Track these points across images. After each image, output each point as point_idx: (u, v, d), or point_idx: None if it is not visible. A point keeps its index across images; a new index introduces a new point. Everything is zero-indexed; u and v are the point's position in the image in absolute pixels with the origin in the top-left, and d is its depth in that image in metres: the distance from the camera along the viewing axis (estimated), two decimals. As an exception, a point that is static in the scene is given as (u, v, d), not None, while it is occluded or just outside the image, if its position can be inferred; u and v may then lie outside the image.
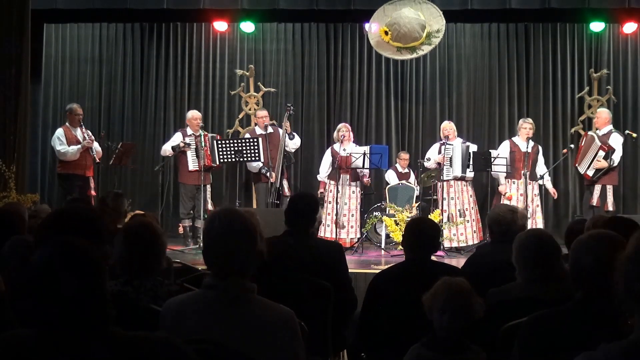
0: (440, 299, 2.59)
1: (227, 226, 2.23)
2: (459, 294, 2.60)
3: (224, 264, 2.22)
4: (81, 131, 8.11)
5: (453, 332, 2.60)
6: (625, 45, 9.45)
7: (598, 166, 7.82)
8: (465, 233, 8.12)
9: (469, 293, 2.61)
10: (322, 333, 3.01)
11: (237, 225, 2.24)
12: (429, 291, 2.65)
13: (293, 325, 2.25)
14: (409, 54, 8.68)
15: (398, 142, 9.65)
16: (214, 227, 2.26)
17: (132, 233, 2.74)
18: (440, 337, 2.61)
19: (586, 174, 7.95)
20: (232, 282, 2.20)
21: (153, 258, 2.71)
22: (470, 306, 2.59)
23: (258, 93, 9.57)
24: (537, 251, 2.89)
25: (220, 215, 2.29)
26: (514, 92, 9.57)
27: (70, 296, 1.55)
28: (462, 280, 2.66)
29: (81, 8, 8.82)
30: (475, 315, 2.59)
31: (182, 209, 8.37)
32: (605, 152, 7.83)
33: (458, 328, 2.59)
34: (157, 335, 1.70)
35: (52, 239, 1.66)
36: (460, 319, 2.58)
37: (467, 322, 2.59)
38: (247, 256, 2.23)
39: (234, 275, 2.21)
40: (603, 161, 7.79)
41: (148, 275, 2.68)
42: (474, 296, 2.61)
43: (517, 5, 8.41)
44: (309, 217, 3.86)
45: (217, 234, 2.24)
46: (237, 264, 2.21)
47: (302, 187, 9.38)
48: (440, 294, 2.60)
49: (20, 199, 6.96)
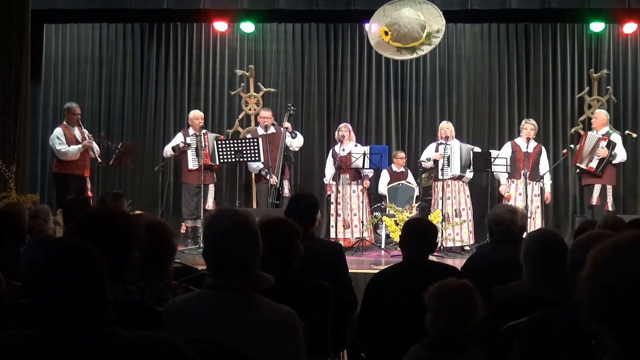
0: (445, 300, 2.58)
1: (226, 226, 2.23)
2: (463, 296, 2.59)
3: (224, 264, 2.21)
4: (79, 131, 8.11)
5: (453, 334, 2.59)
6: (625, 46, 9.44)
7: (601, 154, 7.82)
8: (462, 233, 8.12)
9: (471, 295, 2.59)
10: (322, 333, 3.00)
11: (237, 225, 2.23)
12: (430, 292, 2.64)
13: (294, 325, 2.25)
14: (409, 54, 8.67)
15: (398, 142, 9.65)
16: (213, 227, 2.26)
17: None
18: (441, 339, 2.60)
19: (590, 167, 7.92)
20: (231, 283, 2.20)
21: (161, 260, 2.67)
22: (472, 308, 2.57)
23: (258, 93, 9.57)
24: (544, 250, 2.89)
25: (220, 215, 2.28)
26: (513, 93, 9.57)
27: (70, 296, 1.55)
28: (464, 282, 2.65)
29: (81, 8, 8.82)
30: (478, 317, 2.57)
31: (185, 209, 8.37)
32: (606, 141, 7.85)
33: (459, 330, 2.59)
34: (157, 335, 1.70)
35: (51, 239, 1.65)
36: (463, 322, 2.57)
37: (469, 323, 2.58)
38: (248, 256, 2.23)
39: (235, 276, 2.20)
40: (605, 149, 7.81)
41: (154, 276, 2.64)
42: (477, 298, 2.59)
43: (517, 6, 8.41)
44: (309, 217, 3.86)
45: (217, 234, 2.23)
46: (237, 264, 2.21)
47: (302, 187, 9.38)
48: (441, 295, 2.59)
49: (20, 199, 6.95)
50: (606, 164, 7.86)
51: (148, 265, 2.64)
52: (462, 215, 8.13)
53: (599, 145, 7.88)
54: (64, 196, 7.31)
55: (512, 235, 3.89)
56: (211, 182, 8.46)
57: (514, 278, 3.14)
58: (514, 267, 3.43)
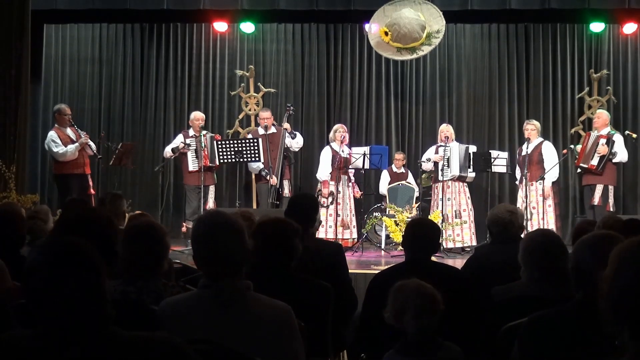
0: (415, 303, 2.59)
1: (212, 229, 2.26)
2: (431, 294, 2.61)
3: (214, 266, 2.24)
4: (72, 130, 8.11)
5: (427, 333, 2.60)
6: (625, 46, 9.44)
7: (602, 152, 7.82)
8: (462, 234, 8.12)
9: (430, 290, 2.63)
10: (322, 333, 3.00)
11: (222, 227, 2.27)
12: (393, 301, 2.65)
13: (290, 321, 2.26)
14: (409, 55, 8.68)
15: (398, 142, 9.64)
16: (199, 230, 2.29)
17: (135, 233, 2.73)
18: (414, 340, 2.61)
19: (591, 165, 7.92)
20: (224, 282, 2.22)
21: (155, 259, 2.69)
22: (436, 302, 2.60)
23: (258, 93, 9.57)
24: (543, 250, 2.89)
25: (206, 219, 2.33)
26: (513, 93, 9.57)
27: (70, 296, 1.55)
28: (415, 281, 2.67)
29: (81, 9, 8.83)
30: (441, 308, 2.60)
31: (189, 210, 8.38)
32: (606, 139, 7.87)
33: (432, 327, 2.60)
34: (157, 335, 1.70)
35: (51, 239, 1.66)
36: (432, 318, 2.59)
37: (437, 317, 2.60)
38: (236, 256, 2.25)
39: (226, 276, 2.23)
40: (605, 146, 7.82)
41: (151, 276, 2.67)
42: (435, 291, 2.63)
43: (517, 6, 8.41)
44: (309, 218, 3.86)
45: (204, 237, 2.27)
46: (226, 265, 2.24)
47: (302, 188, 9.38)
48: (413, 299, 2.60)
49: (20, 200, 6.96)
50: (606, 161, 7.86)
51: (143, 265, 2.66)
52: (462, 216, 8.13)
53: (598, 143, 7.90)
54: (67, 197, 7.31)
55: (511, 236, 3.88)
56: (211, 183, 8.46)
57: (514, 278, 3.14)
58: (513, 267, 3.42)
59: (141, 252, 2.67)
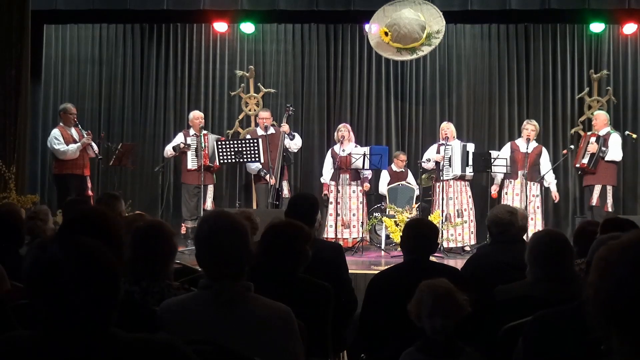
0: (428, 303, 2.59)
1: (216, 229, 2.25)
2: (446, 295, 2.61)
3: (216, 266, 2.23)
4: (76, 130, 8.11)
5: (446, 335, 2.60)
6: (625, 46, 9.45)
7: (591, 150, 7.85)
8: (463, 234, 8.12)
9: (454, 292, 2.62)
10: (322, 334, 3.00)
11: (226, 227, 2.25)
12: (414, 298, 2.65)
13: (290, 322, 2.26)
14: (409, 55, 8.68)
15: (398, 142, 9.65)
16: (203, 230, 2.28)
17: (143, 233, 2.69)
18: (434, 340, 2.61)
19: (582, 163, 7.95)
20: (225, 283, 2.21)
21: (162, 260, 2.67)
22: (458, 305, 2.59)
23: (258, 94, 9.57)
24: (549, 251, 2.89)
25: (210, 219, 2.31)
26: (513, 93, 9.57)
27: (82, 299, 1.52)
28: (444, 281, 2.67)
29: (81, 9, 8.83)
30: (464, 312, 2.59)
31: (185, 210, 8.37)
32: (596, 137, 7.90)
33: (450, 329, 2.60)
34: (158, 336, 1.70)
35: (66, 239, 1.62)
36: (451, 320, 2.59)
37: (457, 320, 2.60)
38: (239, 258, 2.24)
39: (227, 277, 2.22)
40: (595, 144, 7.84)
41: (156, 277, 2.64)
42: (459, 293, 2.63)
43: (516, 6, 8.42)
44: (308, 218, 3.86)
45: (207, 237, 2.26)
46: (229, 265, 2.23)
47: (302, 188, 9.38)
48: (426, 299, 2.61)
49: (20, 200, 6.96)
50: (597, 159, 7.86)
51: (149, 266, 2.65)
52: (464, 216, 8.13)
53: (589, 141, 7.93)
54: (65, 197, 7.29)
55: (511, 236, 3.88)
56: (210, 183, 8.46)
57: (514, 278, 3.14)
58: (513, 267, 3.43)
59: (148, 252, 2.64)
